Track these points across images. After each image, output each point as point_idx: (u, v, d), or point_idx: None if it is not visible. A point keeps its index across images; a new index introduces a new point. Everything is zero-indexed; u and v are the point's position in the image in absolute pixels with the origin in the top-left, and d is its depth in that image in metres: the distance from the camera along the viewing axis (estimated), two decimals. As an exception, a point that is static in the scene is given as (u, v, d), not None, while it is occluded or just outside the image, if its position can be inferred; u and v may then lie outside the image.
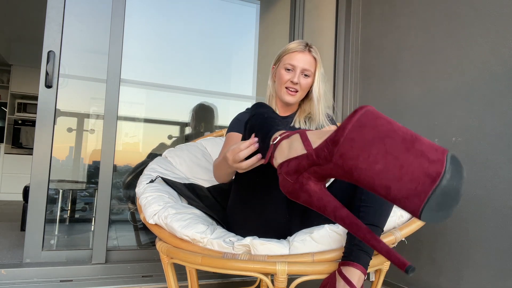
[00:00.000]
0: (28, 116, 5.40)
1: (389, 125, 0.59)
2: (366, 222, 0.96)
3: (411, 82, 1.84)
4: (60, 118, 1.89)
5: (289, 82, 1.33)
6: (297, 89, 1.34)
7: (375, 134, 0.59)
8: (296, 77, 1.31)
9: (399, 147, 0.56)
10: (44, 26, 1.78)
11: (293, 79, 1.32)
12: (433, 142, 0.57)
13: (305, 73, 1.33)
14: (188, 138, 2.32)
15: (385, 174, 0.56)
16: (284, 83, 1.34)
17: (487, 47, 1.47)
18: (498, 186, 1.39)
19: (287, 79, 1.33)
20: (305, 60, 1.33)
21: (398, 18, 1.97)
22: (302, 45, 1.35)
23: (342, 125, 0.63)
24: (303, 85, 1.34)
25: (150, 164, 1.49)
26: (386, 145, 0.57)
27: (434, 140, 1.67)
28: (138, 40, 2.15)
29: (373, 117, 0.61)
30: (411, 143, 0.56)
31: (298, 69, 1.32)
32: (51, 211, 1.92)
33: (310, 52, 1.35)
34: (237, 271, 0.95)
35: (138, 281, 1.73)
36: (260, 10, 2.55)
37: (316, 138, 0.71)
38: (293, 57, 1.33)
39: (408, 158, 0.55)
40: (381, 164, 0.57)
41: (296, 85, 1.33)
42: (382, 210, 0.99)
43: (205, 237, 1.04)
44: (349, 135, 0.61)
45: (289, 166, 0.74)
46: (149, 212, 1.17)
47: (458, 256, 1.51)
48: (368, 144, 0.59)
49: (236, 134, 1.35)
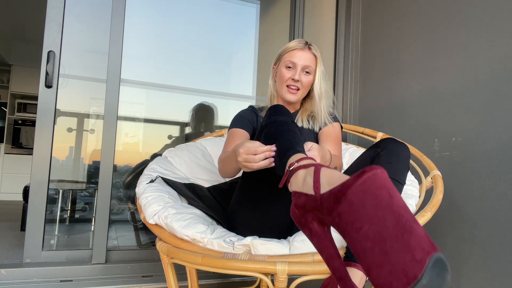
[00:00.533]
0: (28, 116, 5.40)
1: (389, 200, 0.57)
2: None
3: (411, 82, 1.83)
4: (60, 118, 1.89)
5: (290, 80, 1.33)
6: (298, 87, 1.34)
7: (373, 206, 0.57)
8: (297, 75, 1.31)
9: (389, 231, 0.54)
10: (44, 26, 1.78)
11: (294, 76, 1.31)
12: (426, 235, 0.54)
13: (306, 70, 1.33)
14: (188, 138, 2.32)
15: (370, 255, 0.55)
16: (285, 81, 1.34)
17: (487, 47, 1.47)
18: (498, 186, 1.39)
19: (288, 77, 1.33)
20: (305, 57, 1.33)
21: (398, 18, 1.97)
22: (302, 43, 1.35)
23: (347, 183, 0.61)
24: (304, 82, 1.33)
25: (150, 164, 1.49)
26: (378, 225, 0.55)
27: (434, 140, 1.67)
28: (138, 40, 2.15)
29: (377, 185, 0.59)
30: (402, 231, 0.54)
31: (298, 67, 1.32)
32: (51, 211, 1.92)
33: (310, 49, 1.35)
34: (237, 271, 0.95)
35: (138, 281, 1.73)
36: (260, 10, 2.55)
37: (327, 182, 0.69)
38: (293, 55, 1.33)
39: (394, 247, 0.53)
40: (369, 242, 0.55)
41: (297, 82, 1.32)
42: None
43: (205, 237, 1.04)
44: (350, 197, 0.60)
45: (299, 200, 0.74)
46: (149, 212, 1.17)
47: (458, 256, 1.51)
48: (363, 215, 0.57)
49: (240, 130, 1.35)
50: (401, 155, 1.05)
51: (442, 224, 1.58)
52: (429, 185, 1.31)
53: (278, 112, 1.09)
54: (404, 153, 1.06)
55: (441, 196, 1.20)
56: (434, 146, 1.66)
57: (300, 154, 0.85)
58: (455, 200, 1.54)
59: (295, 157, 0.85)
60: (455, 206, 1.54)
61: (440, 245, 1.59)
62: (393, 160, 1.04)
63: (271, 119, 1.06)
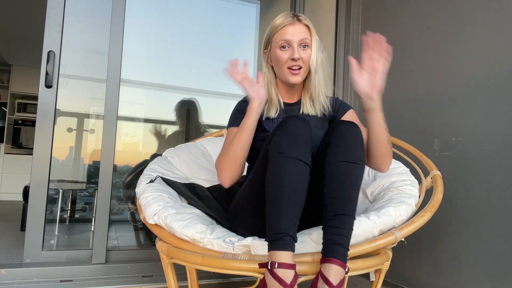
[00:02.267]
0: (28, 116, 5.40)
1: None
2: (334, 214, 0.95)
3: (411, 82, 1.83)
4: (60, 118, 1.89)
5: (290, 60, 1.19)
6: (300, 65, 1.20)
7: None
8: (296, 53, 1.18)
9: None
10: (44, 26, 1.78)
11: (293, 55, 1.18)
12: None
13: (303, 44, 1.20)
14: (179, 134, 2.30)
15: None
16: (284, 63, 1.20)
17: (487, 47, 1.47)
18: (498, 186, 1.39)
19: (286, 58, 1.19)
20: (298, 31, 1.19)
21: (398, 18, 1.97)
22: (289, 16, 1.22)
23: None
24: (305, 58, 1.20)
25: (150, 164, 1.49)
26: None
27: (434, 140, 1.67)
28: (138, 40, 2.15)
29: None
30: None
31: (294, 43, 1.19)
32: (51, 211, 1.92)
33: (300, 21, 1.21)
34: (237, 271, 0.95)
35: (138, 281, 1.73)
36: (260, 10, 2.55)
37: None
38: (284, 32, 1.20)
39: None
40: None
41: (298, 61, 1.19)
42: (347, 198, 0.97)
43: (205, 237, 1.04)
44: None
45: None
46: (149, 212, 1.17)
47: (458, 256, 1.51)
48: None
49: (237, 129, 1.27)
50: (347, 135, 1.02)
51: (442, 224, 1.58)
52: (429, 185, 1.31)
53: (293, 140, 0.98)
54: (349, 133, 1.02)
55: (441, 196, 1.20)
56: (434, 146, 1.66)
57: (283, 255, 0.88)
58: (455, 200, 1.54)
59: (277, 256, 0.88)
60: (455, 206, 1.54)
61: (440, 245, 1.59)
62: (340, 143, 1.01)
63: (284, 152, 0.97)
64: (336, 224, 0.94)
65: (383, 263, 1.10)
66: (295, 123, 1.00)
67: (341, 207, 0.95)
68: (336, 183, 0.98)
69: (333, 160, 1.00)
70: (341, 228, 0.93)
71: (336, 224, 0.94)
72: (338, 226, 0.93)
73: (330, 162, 1.01)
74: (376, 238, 1.03)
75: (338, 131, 1.03)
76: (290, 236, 0.90)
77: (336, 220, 0.94)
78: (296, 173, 0.95)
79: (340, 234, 0.93)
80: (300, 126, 1.00)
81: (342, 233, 0.93)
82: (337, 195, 0.97)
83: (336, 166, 0.99)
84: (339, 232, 0.93)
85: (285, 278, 0.85)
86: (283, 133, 0.99)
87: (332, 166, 1.00)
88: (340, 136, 1.02)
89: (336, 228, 0.93)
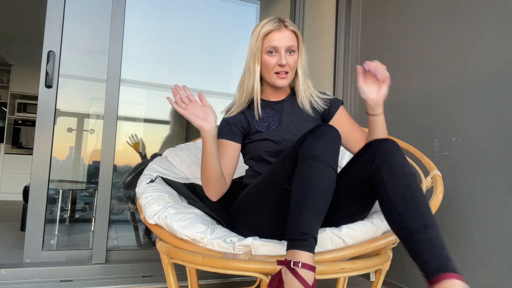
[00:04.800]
0: (28, 116, 5.40)
1: None
2: (417, 225, 0.92)
3: (411, 81, 1.83)
4: (60, 118, 1.89)
5: (277, 66, 1.23)
6: (287, 71, 1.24)
7: None
8: (283, 59, 1.21)
9: None
10: (44, 26, 1.78)
11: (281, 61, 1.22)
12: None
13: (290, 50, 1.24)
14: (169, 138, 2.28)
15: None
16: (272, 69, 1.24)
17: (487, 47, 1.47)
18: (498, 186, 1.39)
19: (274, 63, 1.23)
20: (285, 37, 1.22)
21: (398, 18, 1.97)
22: (275, 22, 1.23)
23: None
24: (291, 64, 1.24)
25: (150, 164, 1.49)
26: None
27: (434, 140, 1.67)
28: (138, 40, 2.15)
29: None
30: None
31: (282, 50, 1.22)
32: (51, 211, 1.92)
33: (287, 27, 1.24)
34: (237, 271, 0.95)
35: (138, 281, 1.73)
36: (260, 10, 2.55)
37: None
38: (271, 38, 1.22)
39: None
40: None
41: (285, 66, 1.23)
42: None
43: (205, 237, 1.04)
44: None
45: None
46: (149, 212, 1.17)
47: (458, 256, 1.51)
48: None
49: (227, 142, 1.29)
50: (396, 158, 0.98)
51: (442, 224, 1.58)
52: (429, 185, 1.31)
53: (327, 146, 0.99)
54: (397, 153, 0.99)
55: (441, 196, 1.20)
56: (434, 146, 1.66)
57: (306, 255, 0.87)
58: (455, 200, 1.54)
59: (301, 255, 0.87)
60: (455, 206, 1.54)
61: (440, 245, 1.59)
62: (393, 169, 0.97)
63: (319, 156, 0.97)
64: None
65: (383, 263, 1.10)
66: (330, 130, 1.02)
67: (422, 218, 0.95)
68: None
69: None
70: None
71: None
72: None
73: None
74: (376, 238, 1.04)
75: (384, 154, 1.00)
76: (314, 238, 0.90)
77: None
78: (327, 177, 0.96)
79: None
80: (333, 133, 1.02)
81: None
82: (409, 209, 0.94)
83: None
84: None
85: (308, 279, 0.85)
86: (317, 139, 1.00)
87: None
88: (390, 160, 0.99)
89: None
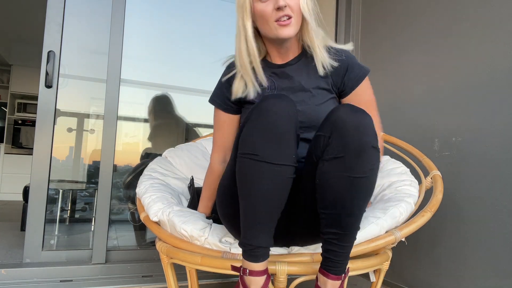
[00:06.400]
0: (28, 116, 5.40)
1: None
2: (328, 230, 0.84)
3: (411, 82, 1.83)
4: (60, 118, 1.89)
5: (275, 12, 0.99)
6: (289, 15, 0.99)
7: None
8: (280, 0, 0.97)
9: None
10: (44, 26, 1.78)
11: (278, 3, 0.97)
12: None
13: None
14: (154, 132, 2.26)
15: None
16: (270, 17, 1.00)
17: (487, 47, 1.47)
18: (498, 186, 1.39)
19: (271, 9, 0.99)
20: None
21: (398, 18, 1.97)
22: None
23: None
24: (293, 5, 1.00)
25: (150, 164, 1.49)
26: None
27: (434, 140, 1.67)
28: (138, 40, 2.15)
29: None
30: None
31: None
32: (51, 211, 1.92)
33: None
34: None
35: (138, 281, 1.73)
36: (260, 10, 2.55)
37: None
38: None
39: None
40: None
41: (285, 9, 0.98)
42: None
43: (203, 235, 1.04)
44: None
45: None
46: (154, 209, 1.17)
47: (458, 256, 1.51)
48: None
49: (223, 115, 1.15)
50: (354, 140, 0.75)
51: (442, 224, 1.58)
52: (429, 185, 1.31)
53: (269, 135, 0.76)
54: (357, 133, 0.75)
55: (441, 196, 1.20)
56: (434, 146, 1.66)
57: (255, 265, 0.84)
58: (455, 200, 1.54)
59: (250, 265, 0.85)
60: (455, 206, 1.54)
61: (439, 245, 1.59)
62: (344, 152, 0.77)
63: (257, 154, 0.76)
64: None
65: (383, 263, 1.10)
66: (273, 109, 0.76)
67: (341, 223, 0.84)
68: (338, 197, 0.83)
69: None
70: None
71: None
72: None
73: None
74: (375, 238, 1.03)
75: (343, 129, 0.78)
76: (263, 248, 0.84)
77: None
78: (270, 183, 0.77)
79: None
80: (279, 113, 0.76)
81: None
82: (337, 211, 0.85)
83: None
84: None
85: (255, 285, 0.86)
86: (256, 125, 0.78)
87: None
88: (345, 138, 0.78)
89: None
